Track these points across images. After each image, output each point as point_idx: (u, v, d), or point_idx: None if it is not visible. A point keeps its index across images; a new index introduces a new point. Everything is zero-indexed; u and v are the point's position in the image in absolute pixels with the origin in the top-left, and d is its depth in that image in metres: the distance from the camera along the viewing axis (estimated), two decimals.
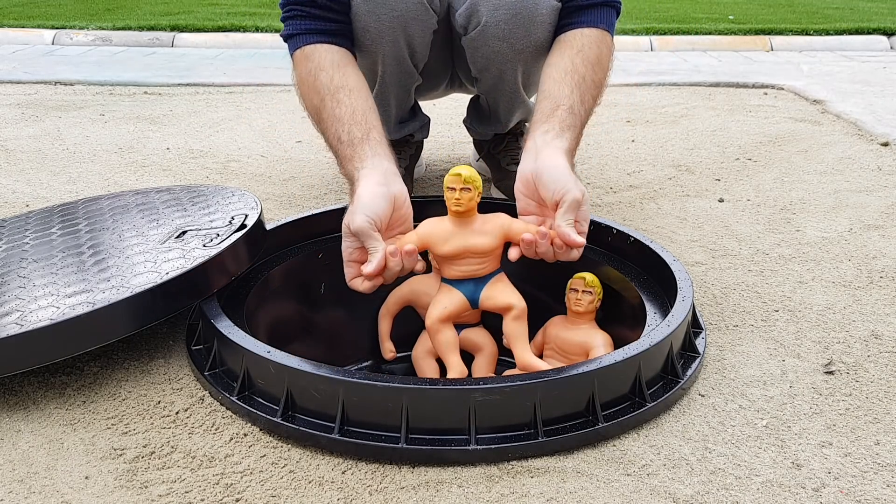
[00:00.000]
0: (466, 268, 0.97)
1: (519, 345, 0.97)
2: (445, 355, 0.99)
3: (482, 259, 0.97)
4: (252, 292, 1.07)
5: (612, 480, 0.79)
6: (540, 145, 1.04)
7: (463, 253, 0.96)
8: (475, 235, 0.96)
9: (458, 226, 0.96)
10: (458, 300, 0.98)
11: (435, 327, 0.98)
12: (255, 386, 0.89)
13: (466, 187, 0.93)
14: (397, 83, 1.41)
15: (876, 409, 0.92)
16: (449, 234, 0.96)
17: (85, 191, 1.71)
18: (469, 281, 0.98)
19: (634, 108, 2.50)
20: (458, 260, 0.97)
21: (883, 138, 2.06)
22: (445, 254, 0.96)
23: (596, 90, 1.18)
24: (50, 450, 0.84)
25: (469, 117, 1.67)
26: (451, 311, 0.98)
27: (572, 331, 1.03)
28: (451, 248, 0.96)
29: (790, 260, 1.34)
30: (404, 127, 1.58)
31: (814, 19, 4.55)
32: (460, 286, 0.98)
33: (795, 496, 0.77)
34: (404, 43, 1.32)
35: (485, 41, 1.32)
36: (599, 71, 1.19)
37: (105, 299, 0.93)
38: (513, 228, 0.98)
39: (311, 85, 1.18)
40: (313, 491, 0.78)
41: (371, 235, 0.96)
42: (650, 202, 1.63)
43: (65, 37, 3.96)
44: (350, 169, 1.08)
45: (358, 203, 0.98)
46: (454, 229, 0.96)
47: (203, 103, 2.56)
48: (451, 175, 0.94)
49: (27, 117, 2.35)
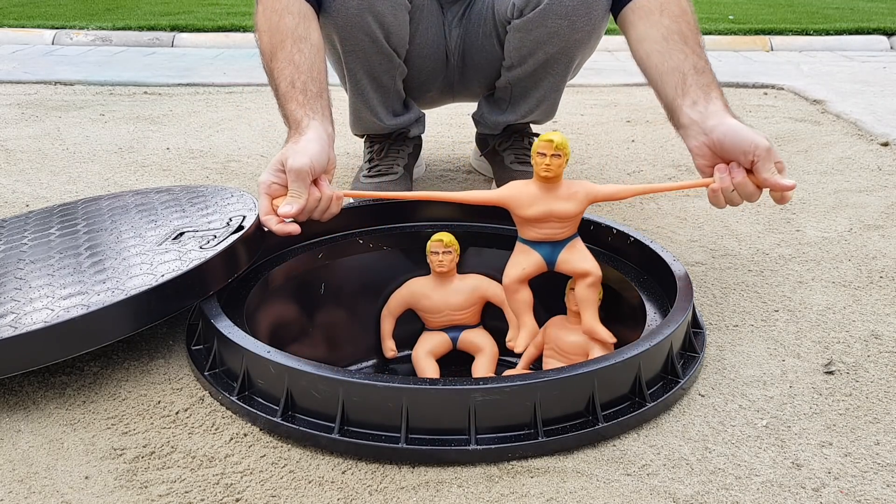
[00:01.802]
0: (549, 230, 0.98)
1: (589, 311, 0.99)
2: (521, 315, 1.00)
3: (564, 224, 0.98)
4: (252, 292, 1.07)
5: (612, 480, 0.79)
6: (699, 119, 1.05)
7: (547, 217, 0.96)
8: (560, 201, 0.96)
9: (544, 190, 0.96)
10: (536, 261, 0.99)
11: (513, 287, 0.99)
12: (255, 386, 0.89)
13: (557, 154, 0.93)
14: (378, 67, 1.40)
15: (876, 409, 0.92)
16: (535, 197, 0.96)
17: (85, 191, 1.71)
18: (547, 243, 0.98)
19: (634, 108, 2.50)
20: (540, 223, 0.97)
21: (883, 138, 2.06)
22: (529, 216, 0.97)
23: (696, 36, 1.15)
24: (50, 450, 0.84)
25: (481, 109, 1.64)
26: (529, 272, 0.99)
27: (572, 331, 1.03)
28: (536, 212, 0.96)
29: (790, 260, 1.34)
30: (398, 119, 1.56)
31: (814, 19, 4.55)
32: (538, 247, 0.99)
33: (795, 496, 0.77)
34: (374, 21, 1.32)
35: (542, 21, 1.32)
36: (689, 18, 1.15)
37: (100, 301, 0.93)
38: (600, 192, 0.98)
39: (276, 24, 1.16)
40: (313, 491, 0.78)
41: (305, 181, 0.99)
42: (650, 202, 1.63)
43: (65, 37, 3.96)
44: (300, 114, 1.08)
45: (306, 147, 1.01)
46: (539, 193, 0.96)
47: (203, 103, 2.56)
48: (543, 140, 0.93)
49: (27, 117, 2.35)
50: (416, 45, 1.44)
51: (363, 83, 1.44)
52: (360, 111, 1.51)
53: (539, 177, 0.95)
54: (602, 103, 2.54)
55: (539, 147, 0.93)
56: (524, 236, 0.99)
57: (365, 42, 1.34)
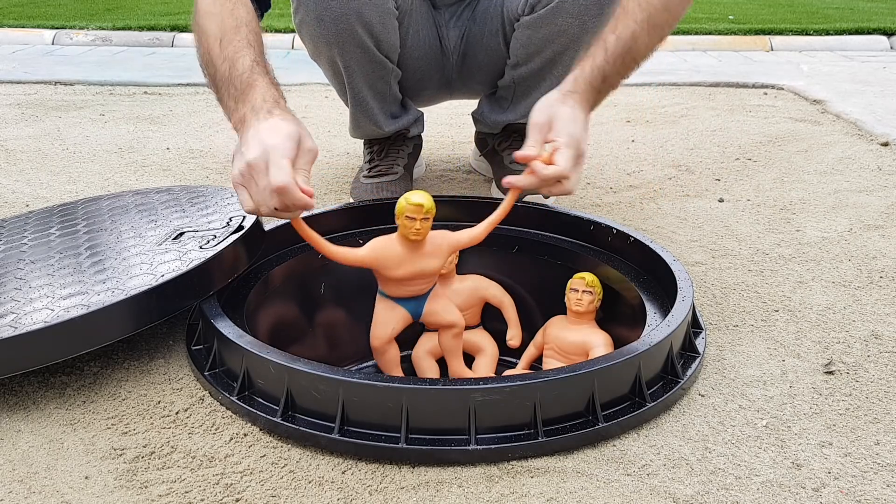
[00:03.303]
0: (415, 288, 0.98)
1: (455, 360, 1.03)
2: (393, 372, 1.02)
3: (429, 279, 0.99)
4: (252, 292, 1.07)
5: (612, 480, 0.79)
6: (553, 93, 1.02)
7: (415, 276, 0.97)
8: (426, 258, 0.96)
9: (410, 249, 0.95)
10: (402, 316, 0.99)
11: (383, 348, 1.00)
12: (255, 386, 0.89)
13: (426, 217, 0.92)
14: (371, 74, 1.40)
15: (876, 409, 0.92)
16: (401, 258, 0.95)
17: (85, 191, 1.71)
18: (411, 298, 0.99)
19: (634, 108, 2.50)
20: (408, 282, 0.97)
21: (883, 138, 2.06)
22: (398, 277, 0.96)
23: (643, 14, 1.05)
24: (50, 450, 0.84)
25: (482, 107, 1.64)
26: (398, 330, 1.00)
27: (572, 331, 1.04)
28: (405, 272, 0.96)
29: (790, 260, 1.34)
30: (397, 121, 1.56)
31: (814, 19, 4.55)
32: (403, 302, 1.00)
33: (795, 496, 0.77)
34: (363, 31, 1.32)
35: (552, 19, 1.32)
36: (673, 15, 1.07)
37: (100, 301, 0.93)
38: (458, 241, 0.99)
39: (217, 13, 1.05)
40: (313, 491, 0.78)
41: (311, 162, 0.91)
42: (650, 202, 1.63)
43: (65, 37, 3.96)
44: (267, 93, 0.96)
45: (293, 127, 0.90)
46: (405, 252, 0.95)
47: (203, 103, 2.55)
48: (412, 204, 0.91)
49: (27, 117, 2.35)
50: (409, 48, 1.44)
51: (361, 93, 1.44)
52: (359, 119, 1.51)
53: (407, 239, 0.94)
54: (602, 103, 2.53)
55: (407, 210, 0.92)
56: (389, 293, 0.99)
57: (356, 52, 1.35)
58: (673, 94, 2.71)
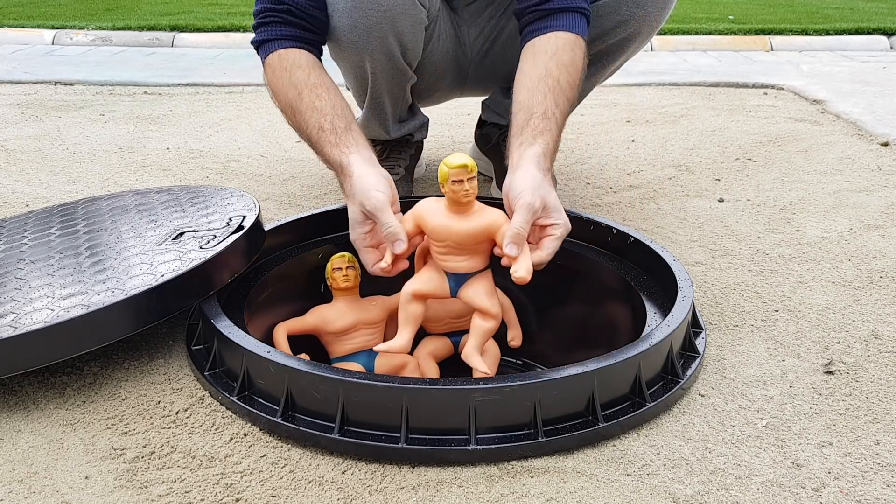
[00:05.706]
0: (358, 340, 1.07)
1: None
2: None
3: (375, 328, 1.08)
4: (252, 292, 1.07)
5: (612, 480, 0.79)
6: (516, 160, 1.02)
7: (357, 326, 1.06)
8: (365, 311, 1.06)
9: (349, 302, 1.06)
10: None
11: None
12: (255, 386, 0.89)
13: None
14: (390, 81, 1.41)
15: (876, 409, 0.92)
16: (339, 313, 1.05)
17: (85, 191, 1.71)
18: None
19: (634, 108, 2.50)
20: (350, 333, 1.06)
21: (883, 138, 2.06)
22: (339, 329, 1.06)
23: (571, 92, 1.15)
24: (50, 450, 0.84)
25: (497, 95, 1.63)
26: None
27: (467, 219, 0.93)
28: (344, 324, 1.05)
29: (790, 260, 1.34)
30: (403, 126, 1.58)
31: (814, 19, 4.55)
32: (355, 358, 1.07)
33: (795, 496, 0.77)
34: (394, 40, 1.32)
35: (617, 8, 1.34)
36: (574, 72, 1.16)
37: (100, 301, 0.93)
38: (393, 300, 1.05)
39: (287, 80, 1.19)
40: (313, 491, 0.78)
41: (389, 212, 0.97)
42: (650, 202, 1.63)
43: (65, 37, 3.96)
44: (336, 154, 1.09)
45: (364, 184, 1.00)
46: (345, 307, 1.06)
47: (203, 103, 2.56)
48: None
49: (27, 117, 2.35)
50: (428, 52, 1.44)
51: (381, 98, 1.45)
52: (370, 122, 1.52)
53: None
54: (602, 103, 2.54)
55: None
56: (335, 353, 1.07)
57: (382, 60, 1.35)
58: (673, 94, 2.71)
